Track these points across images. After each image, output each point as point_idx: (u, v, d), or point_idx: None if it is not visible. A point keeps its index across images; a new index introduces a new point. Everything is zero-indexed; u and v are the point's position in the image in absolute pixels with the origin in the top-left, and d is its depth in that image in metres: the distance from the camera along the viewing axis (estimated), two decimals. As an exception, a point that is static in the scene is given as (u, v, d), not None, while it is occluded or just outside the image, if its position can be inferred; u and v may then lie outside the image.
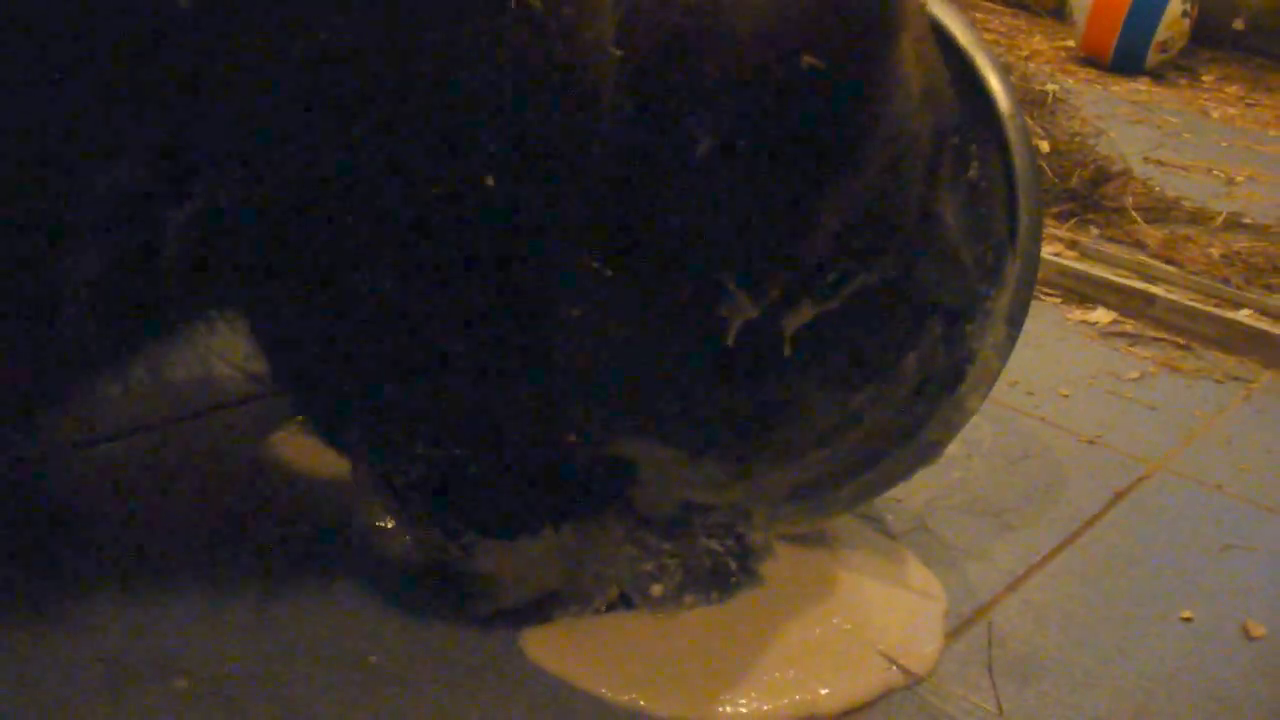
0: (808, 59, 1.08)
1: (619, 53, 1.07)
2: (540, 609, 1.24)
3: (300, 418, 1.46)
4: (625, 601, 1.25)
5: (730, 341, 1.16)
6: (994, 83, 1.36)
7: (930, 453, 1.35)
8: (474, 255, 1.09)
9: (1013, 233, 1.34)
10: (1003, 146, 1.35)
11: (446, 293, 1.10)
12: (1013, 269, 1.34)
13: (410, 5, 0.99)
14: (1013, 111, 1.35)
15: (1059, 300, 2.23)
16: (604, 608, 1.25)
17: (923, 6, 1.26)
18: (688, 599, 1.26)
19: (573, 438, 1.21)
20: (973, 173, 1.41)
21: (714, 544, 1.27)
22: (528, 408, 1.18)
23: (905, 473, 1.36)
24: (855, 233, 1.18)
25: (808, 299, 1.18)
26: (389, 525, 1.31)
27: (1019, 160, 1.34)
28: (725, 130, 1.09)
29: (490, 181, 1.04)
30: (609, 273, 1.14)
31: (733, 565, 1.29)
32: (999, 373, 1.34)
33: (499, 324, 1.13)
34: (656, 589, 1.25)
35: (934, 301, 1.43)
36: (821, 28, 1.09)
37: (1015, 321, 1.34)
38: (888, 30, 1.13)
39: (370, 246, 1.07)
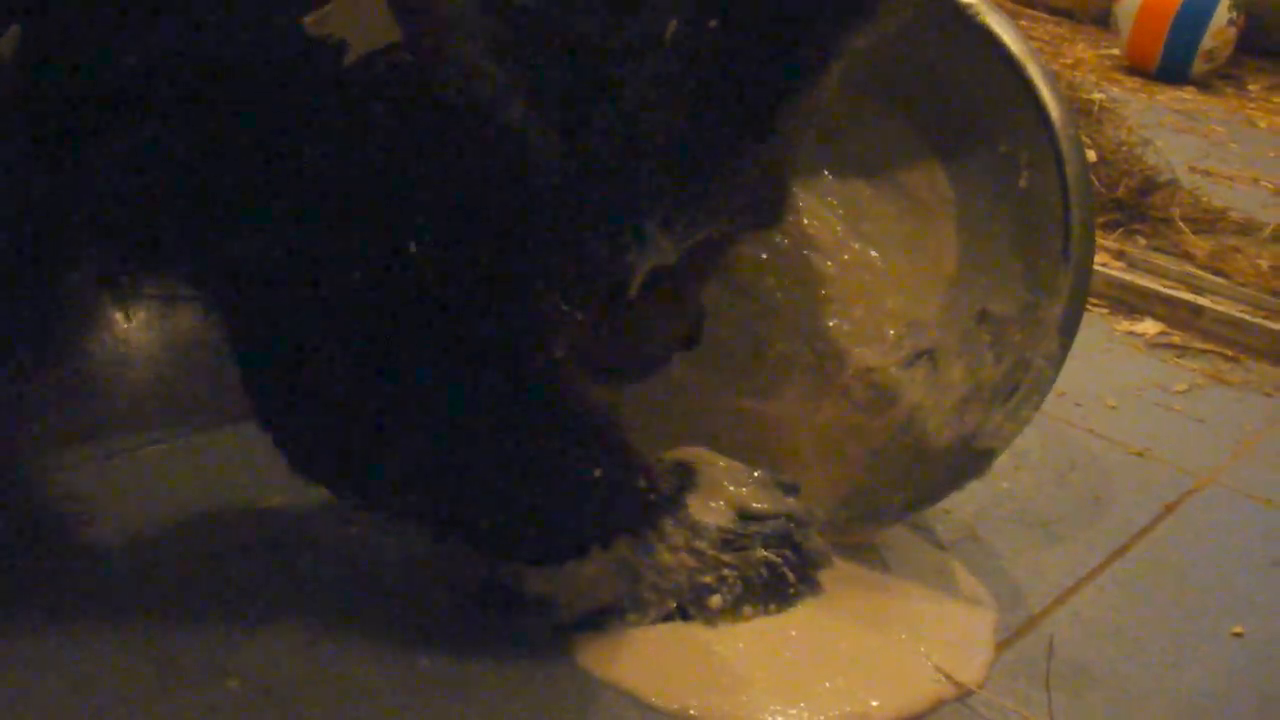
0: None
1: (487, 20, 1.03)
2: (595, 620, 1.23)
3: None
4: (682, 613, 1.25)
5: (633, 292, 1.14)
6: (1046, 93, 1.35)
7: (982, 463, 1.34)
8: (438, 314, 1.08)
9: (1066, 243, 1.33)
10: (1056, 156, 1.34)
11: (446, 361, 1.10)
12: (1065, 279, 1.33)
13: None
14: (1065, 122, 1.34)
15: (1106, 311, 2.21)
16: (660, 618, 1.25)
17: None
18: (746, 610, 1.26)
19: (598, 472, 1.20)
20: (1023, 182, 1.40)
21: (772, 554, 1.27)
22: (543, 452, 1.17)
23: (957, 483, 1.36)
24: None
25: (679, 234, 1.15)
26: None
27: (1071, 170, 1.33)
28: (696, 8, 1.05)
29: (412, 247, 1.03)
30: (579, 316, 1.14)
31: (790, 576, 1.28)
32: (1052, 383, 1.33)
33: (494, 381, 1.12)
34: (715, 600, 1.25)
35: (981, 308, 1.42)
36: None
37: (1068, 332, 1.33)
38: None
39: (333, 326, 1.07)
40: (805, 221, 1.56)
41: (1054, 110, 1.35)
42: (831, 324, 1.53)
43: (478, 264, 1.07)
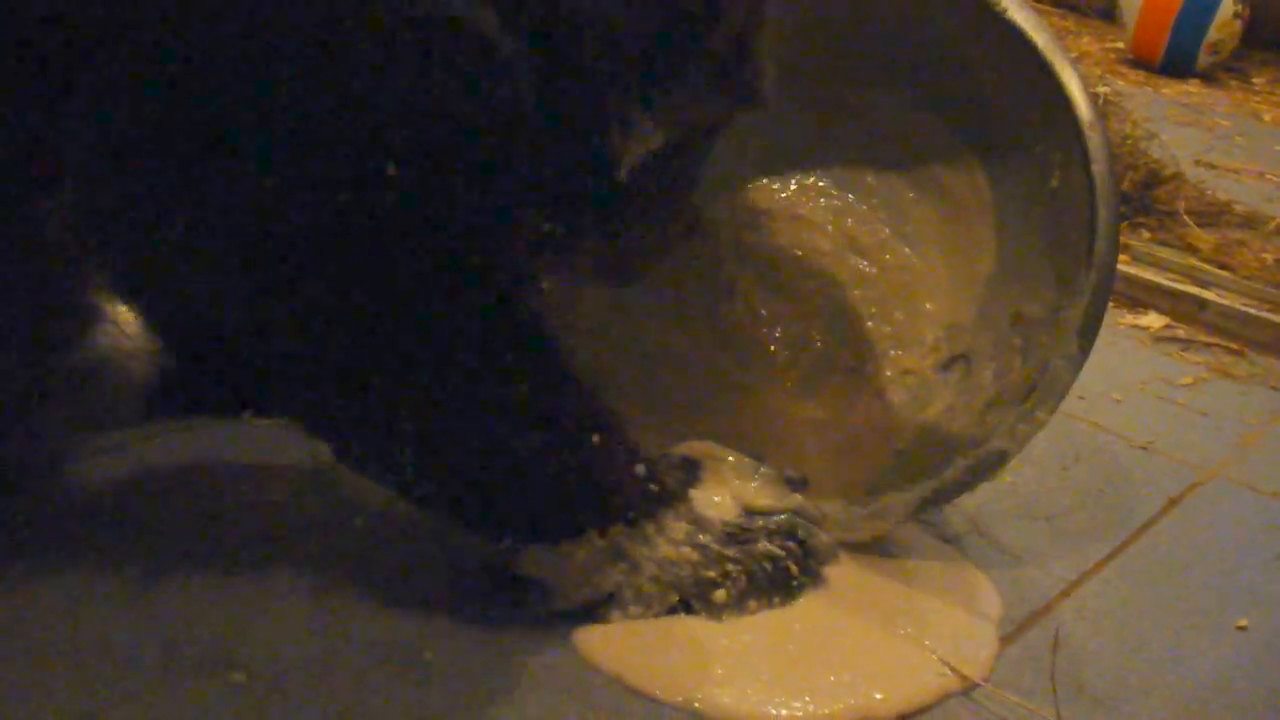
0: None
1: None
2: (598, 611, 1.23)
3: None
4: (686, 607, 1.25)
5: (622, 177, 1.11)
6: (1075, 91, 1.35)
7: (995, 463, 1.33)
8: (429, 255, 1.07)
9: (1090, 244, 1.33)
10: (1084, 156, 1.33)
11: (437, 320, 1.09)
12: (1088, 280, 1.33)
13: None
14: (1094, 121, 1.34)
15: (1110, 305, 2.20)
16: (664, 611, 1.24)
17: None
18: (750, 605, 1.26)
19: (597, 439, 1.19)
20: (1055, 182, 1.39)
21: (775, 548, 1.27)
22: (539, 412, 1.16)
23: (969, 483, 1.35)
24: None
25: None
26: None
27: (1099, 171, 1.33)
28: None
29: (393, 170, 1.02)
30: (561, 231, 1.12)
31: (794, 569, 1.28)
32: (1069, 386, 1.33)
33: (474, 318, 1.12)
34: (719, 595, 1.24)
35: (1015, 311, 1.42)
36: None
37: (1087, 334, 1.32)
38: None
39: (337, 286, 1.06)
40: (848, 223, 1.57)
41: (1082, 108, 1.35)
42: (870, 326, 1.53)
43: (462, 183, 1.06)
